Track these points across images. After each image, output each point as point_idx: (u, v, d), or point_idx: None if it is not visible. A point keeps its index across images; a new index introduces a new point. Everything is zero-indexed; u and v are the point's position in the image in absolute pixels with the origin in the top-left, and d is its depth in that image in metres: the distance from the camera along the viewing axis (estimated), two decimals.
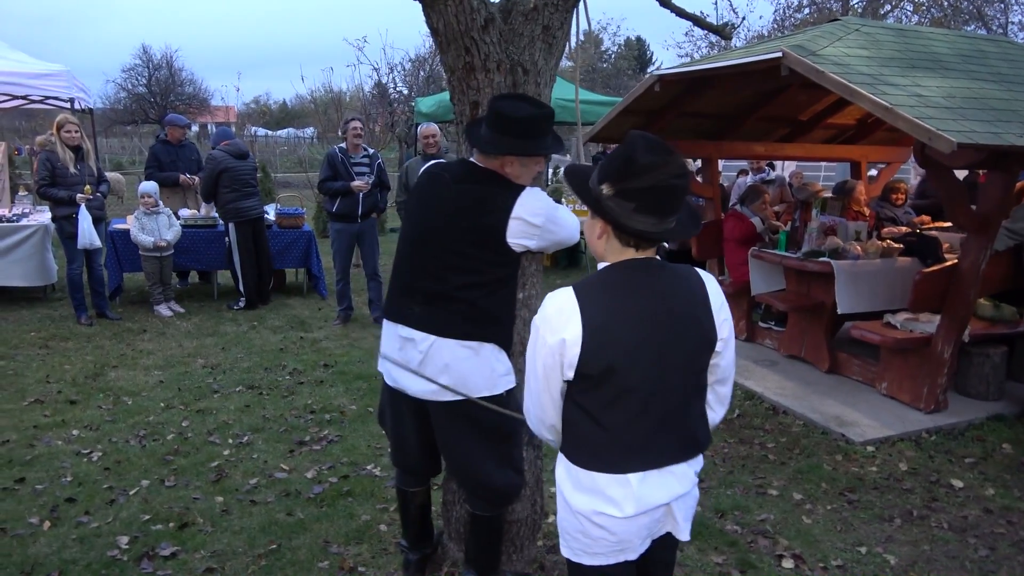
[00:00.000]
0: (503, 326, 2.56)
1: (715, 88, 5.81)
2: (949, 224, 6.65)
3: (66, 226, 6.46)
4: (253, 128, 39.81)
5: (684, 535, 1.88)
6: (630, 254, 1.74)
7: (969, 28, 17.69)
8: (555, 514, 1.94)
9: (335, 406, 4.95)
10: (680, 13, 3.10)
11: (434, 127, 6.66)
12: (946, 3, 17.29)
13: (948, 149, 3.64)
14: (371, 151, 6.83)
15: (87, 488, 3.75)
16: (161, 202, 7.11)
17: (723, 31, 3.36)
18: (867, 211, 6.71)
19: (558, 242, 2.60)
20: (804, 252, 5.54)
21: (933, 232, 6.04)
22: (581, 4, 2.70)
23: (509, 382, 2.57)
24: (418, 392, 2.54)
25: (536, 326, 1.80)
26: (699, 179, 7.20)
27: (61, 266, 7.43)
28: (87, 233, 6.35)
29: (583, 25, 2.79)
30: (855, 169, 7.64)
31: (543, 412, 1.85)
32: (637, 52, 44.12)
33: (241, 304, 7.41)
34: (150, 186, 7.04)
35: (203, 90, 43.66)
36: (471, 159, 2.56)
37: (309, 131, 46.01)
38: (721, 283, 7.03)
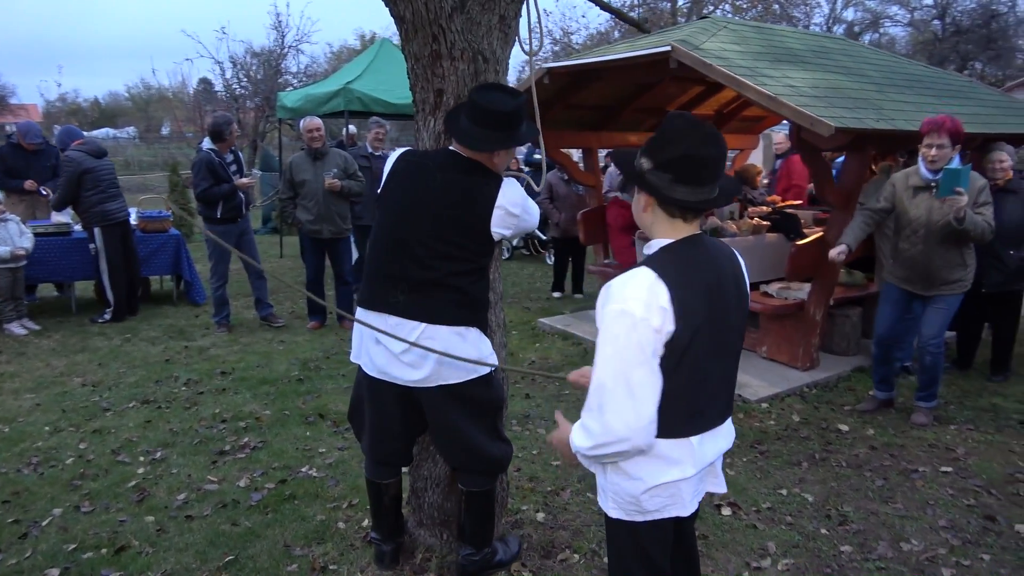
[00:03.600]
0: (485, 310, 2.63)
1: (598, 81, 6.10)
2: (800, 202, 7.44)
3: None
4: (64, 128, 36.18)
5: (723, 488, 2.04)
6: (678, 225, 1.83)
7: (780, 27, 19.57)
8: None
9: (247, 413, 4.73)
10: (605, 7, 3.28)
11: (317, 121, 6.44)
12: (760, 5, 18.99)
13: (828, 133, 4.10)
14: (232, 147, 6.57)
15: None
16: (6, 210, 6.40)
17: (642, 26, 3.60)
18: None
19: (526, 230, 2.70)
20: None
21: (791, 210, 6.72)
22: (535, 23, 2.80)
23: (493, 361, 2.64)
24: (409, 380, 2.54)
25: (627, 312, 1.68)
26: (581, 167, 7.53)
27: None
28: None
29: (535, 44, 2.89)
30: None
31: (644, 410, 1.69)
32: None
33: (107, 316, 6.83)
34: None
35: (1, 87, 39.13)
36: (452, 148, 2.56)
37: (130, 130, 42.47)
38: (609, 267, 7.26)
